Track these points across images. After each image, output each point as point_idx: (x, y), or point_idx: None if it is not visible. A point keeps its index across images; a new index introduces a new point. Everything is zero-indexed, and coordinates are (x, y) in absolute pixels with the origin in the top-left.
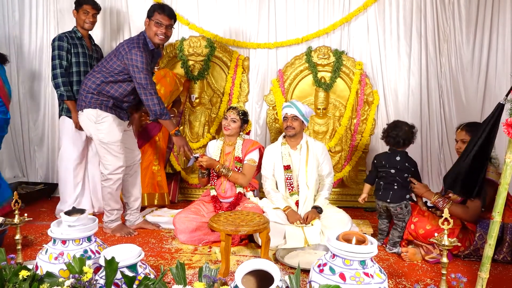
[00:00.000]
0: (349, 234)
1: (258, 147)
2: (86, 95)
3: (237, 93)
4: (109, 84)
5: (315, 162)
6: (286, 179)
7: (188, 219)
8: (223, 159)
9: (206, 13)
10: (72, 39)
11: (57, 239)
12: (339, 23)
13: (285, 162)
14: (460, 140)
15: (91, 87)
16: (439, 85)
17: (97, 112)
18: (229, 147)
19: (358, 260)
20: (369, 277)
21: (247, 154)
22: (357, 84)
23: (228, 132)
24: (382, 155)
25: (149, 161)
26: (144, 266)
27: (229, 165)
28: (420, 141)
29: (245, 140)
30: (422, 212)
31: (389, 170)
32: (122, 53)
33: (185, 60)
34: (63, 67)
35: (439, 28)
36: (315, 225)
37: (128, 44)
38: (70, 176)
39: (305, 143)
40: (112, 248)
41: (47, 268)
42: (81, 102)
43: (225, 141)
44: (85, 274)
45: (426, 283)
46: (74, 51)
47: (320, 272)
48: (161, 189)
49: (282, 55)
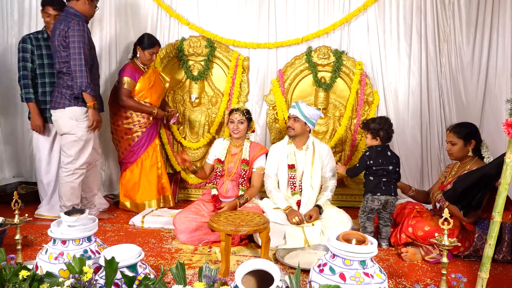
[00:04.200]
0: (349, 234)
1: (265, 152)
2: (65, 92)
3: (237, 93)
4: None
5: (320, 163)
6: (290, 178)
7: (188, 219)
8: (229, 160)
9: (206, 13)
10: (37, 40)
11: (57, 239)
12: (339, 23)
13: (290, 161)
14: (449, 141)
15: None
16: (439, 85)
17: (82, 109)
18: (236, 148)
19: (358, 260)
20: (369, 277)
21: (255, 159)
22: (357, 84)
23: (238, 135)
24: (376, 154)
25: (153, 164)
26: (144, 266)
27: (235, 167)
28: (420, 141)
29: (252, 143)
30: (419, 213)
31: (387, 167)
32: (64, 36)
33: (185, 60)
34: (26, 69)
35: (439, 28)
36: (316, 225)
37: (66, 22)
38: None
39: (312, 144)
40: (112, 248)
41: (47, 268)
42: (61, 100)
43: (232, 142)
44: (85, 274)
45: (426, 283)
46: (37, 52)
47: (320, 272)
48: (166, 191)
49: (282, 55)
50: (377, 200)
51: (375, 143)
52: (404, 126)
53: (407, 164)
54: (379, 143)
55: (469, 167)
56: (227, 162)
